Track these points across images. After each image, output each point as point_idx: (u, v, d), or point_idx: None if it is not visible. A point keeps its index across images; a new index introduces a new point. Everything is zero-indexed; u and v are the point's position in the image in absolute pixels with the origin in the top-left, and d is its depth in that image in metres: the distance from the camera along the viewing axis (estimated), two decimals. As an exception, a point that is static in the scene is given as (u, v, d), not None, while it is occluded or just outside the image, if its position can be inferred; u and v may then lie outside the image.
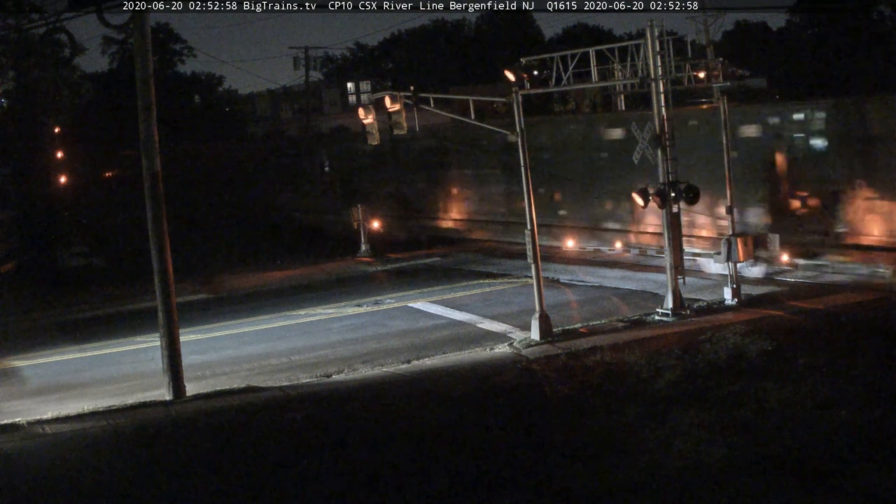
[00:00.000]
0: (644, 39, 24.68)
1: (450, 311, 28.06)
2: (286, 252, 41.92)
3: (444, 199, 44.54)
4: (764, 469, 14.27)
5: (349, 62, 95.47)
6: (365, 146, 34.85)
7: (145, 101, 20.73)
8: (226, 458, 16.66)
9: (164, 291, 20.96)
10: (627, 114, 32.88)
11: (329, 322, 28.07)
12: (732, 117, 26.44)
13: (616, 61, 26.66)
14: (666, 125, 24.19)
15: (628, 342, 22.00)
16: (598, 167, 35.56)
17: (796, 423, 15.92)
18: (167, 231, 20.94)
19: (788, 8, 66.02)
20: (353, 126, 54.83)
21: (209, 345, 26.09)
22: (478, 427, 17.36)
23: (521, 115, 23.76)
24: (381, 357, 23.12)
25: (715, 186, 27.67)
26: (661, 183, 24.21)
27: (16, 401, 21.89)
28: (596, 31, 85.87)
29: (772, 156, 29.75)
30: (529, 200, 23.65)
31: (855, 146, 27.59)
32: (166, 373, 20.87)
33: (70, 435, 18.43)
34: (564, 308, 26.78)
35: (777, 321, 22.73)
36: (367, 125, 28.06)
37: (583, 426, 16.91)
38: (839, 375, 17.92)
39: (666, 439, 15.64)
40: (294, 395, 20.16)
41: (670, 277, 24.51)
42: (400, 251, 40.30)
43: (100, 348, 26.90)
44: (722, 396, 17.55)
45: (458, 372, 21.07)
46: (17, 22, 25.94)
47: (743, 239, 24.93)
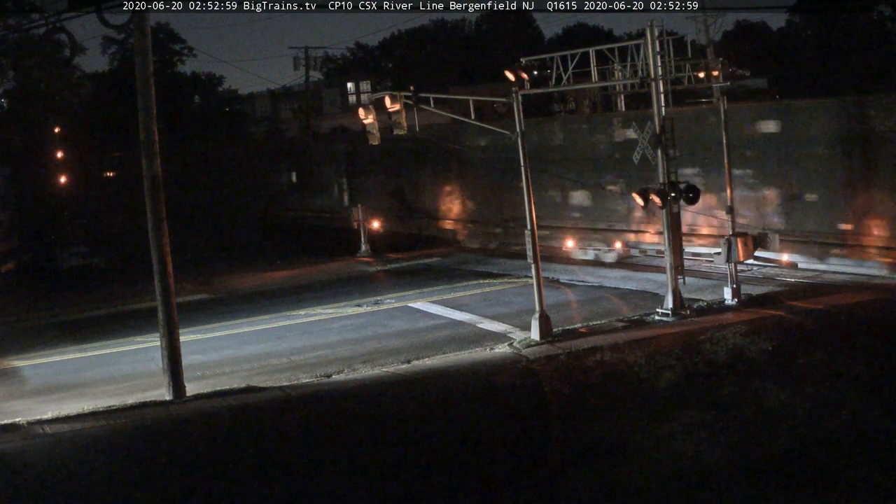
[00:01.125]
0: (644, 39, 24.67)
1: (450, 311, 28.06)
2: (286, 252, 41.92)
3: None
4: (764, 469, 14.28)
5: (349, 62, 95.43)
6: (365, 146, 34.84)
7: (145, 101, 20.72)
8: (226, 459, 16.66)
9: (164, 291, 20.95)
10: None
11: (329, 322, 28.06)
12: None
13: (616, 61, 26.65)
14: (666, 125, 24.19)
15: (628, 342, 22.00)
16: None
17: (796, 423, 15.93)
18: (167, 231, 20.94)
19: (788, 8, 66.05)
20: (353, 126, 54.79)
21: (209, 345, 26.08)
22: (478, 427, 17.36)
23: (521, 116, 23.76)
24: (381, 357, 23.11)
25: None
26: (660, 183, 24.22)
27: (16, 401, 21.88)
28: (596, 31, 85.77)
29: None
30: (529, 200, 23.65)
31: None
32: (166, 373, 20.86)
33: (70, 435, 18.42)
34: (564, 308, 26.78)
35: (777, 321, 22.73)
36: (367, 125, 28.04)
37: (583, 426, 16.92)
38: (839, 375, 17.93)
39: (666, 439, 15.66)
40: (294, 395, 20.16)
41: (670, 277, 24.51)
42: (400, 251, 40.30)
43: (100, 348, 26.89)
44: (722, 396, 17.56)
45: (458, 372, 21.06)
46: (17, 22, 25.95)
47: (743, 239, 24.91)
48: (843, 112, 28.05)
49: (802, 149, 28.98)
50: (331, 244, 42.97)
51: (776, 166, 29.75)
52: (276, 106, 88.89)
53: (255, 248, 43.72)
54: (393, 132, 27.20)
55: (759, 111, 31.23)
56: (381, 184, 49.18)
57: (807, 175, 28.98)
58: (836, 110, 28.35)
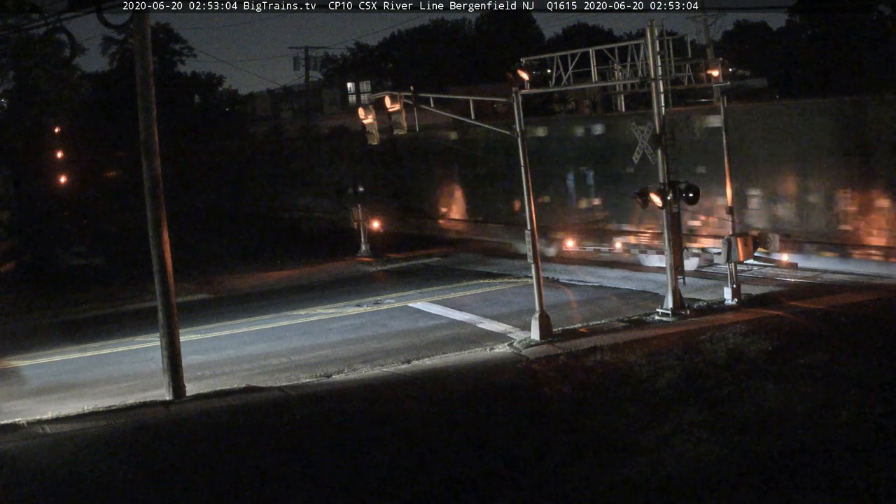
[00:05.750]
0: (644, 39, 24.68)
1: (450, 311, 28.06)
2: (286, 252, 41.91)
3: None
4: (764, 469, 14.27)
5: (349, 62, 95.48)
6: (365, 146, 34.81)
7: (145, 101, 20.72)
8: (226, 459, 16.66)
9: (164, 291, 20.95)
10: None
11: (329, 322, 28.06)
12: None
13: (616, 61, 26.63)
14: (666, 125, 24.20)
15: (628, 342, 22.00)
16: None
17: (796, 423, 15.92)
18: (167, 231, 20.94)
19: (788, 8, 66.07)
20: (353, 126, 54.71)
21: (209, 345, 26.08)
22: (478, 427, 17.36)
23: (521, 116, 23.77)
24: (381, 357, 23.11)
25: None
26: (660, 183, 24.22)
27: (16, 401, 21.88)
28: (596, 31, 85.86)
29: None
30: (529, 200, 23.67)
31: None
32: (166, 373, 20.86)
33: (70, 435, 18.43)
34: (564, 308, 26.77)
35: (777, 321, 22.73)
36: (367, 125, 28.05)
37: (583, 426, 16.91)
38: (839, 375, 17.92)
39: (666, 439, 15.65)
40: (294, 395, 20.16)
41: (670, 277, 24.51)
42: (400, 251, 40.29)
43: (100, 348, 26.89)
44: (722, 396, 17.55)
45: (458, 372, 21.07)
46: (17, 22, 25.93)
47: (743, 239, 24.92)
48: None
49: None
50: (331, 244, 42.94)
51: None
52: (276, 106, 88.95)
53: (255, 248, 43.69)
54: (393, 132, 27.20)
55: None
56: (381, 184, 49.16)
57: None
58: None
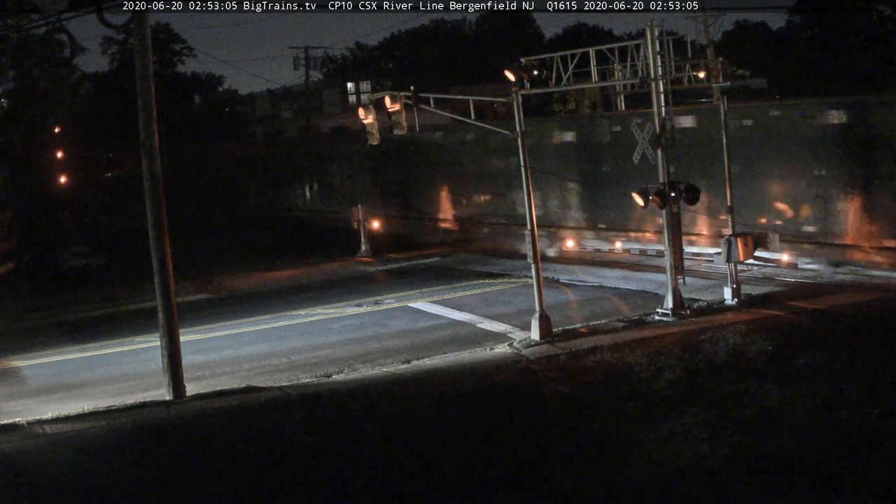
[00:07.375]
0: (644, 39, 24.66)
1: (450, 311, 28.05)
2: (286, 252, 41.91)
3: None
4: (764, 469, 14.27)
5: (349, 62, 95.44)
6: (365, 146, 34.80)
7: (145, 101, 20.73)
8: (226, 459, 16.66)
9: (164, 291, 20.96)
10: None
11: (329, 322, 28.06)
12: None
13: (616, 61, 26.64)
14: (666, 125, 24.19)
15: (628, 342, 22.00)
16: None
17: (796, 423, 15.92)
18: (167, 231, 20.94)
19: (788, 8, 66.03)
20: (353, 126, 54.82)
21: (209, 345, 26.09)
22: (478, 427, 17.36)
23: (521, 116, 23.77)
24: (381, 357, 23.12)
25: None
26: (660, 183, 24.21)
27: (16, 401, 21.89)
28: (596, 31, 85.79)
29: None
30: (529, 200, 23.67)
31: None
32: (166, 373, 20.87)
33: (70, 435, 18.43)
34: (564, 308, 26.77)
35: (777, 321, 22.73)
36: (367, 125, 28.04)
37: (583, 426, 16.90)
38: (839, 375, 17.92)
39: (666, 439, 15.64)
40: (294, 396, 20.16)
41: (670, 277, 24.50)
42: (400, 251, 40.29)
43: (100, 348, 26.90)
44: (722, 396, 17.55)
45: (458, 372, 21.06)
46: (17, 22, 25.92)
47: (743, 239, 24.91)
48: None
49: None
50: (331, 244, 42.97)
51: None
52: (276, 106, 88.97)
53: (255, 248, 43.71)
54: (393, 132, 27.20)
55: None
56: (381, 184, 49.19)
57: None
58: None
